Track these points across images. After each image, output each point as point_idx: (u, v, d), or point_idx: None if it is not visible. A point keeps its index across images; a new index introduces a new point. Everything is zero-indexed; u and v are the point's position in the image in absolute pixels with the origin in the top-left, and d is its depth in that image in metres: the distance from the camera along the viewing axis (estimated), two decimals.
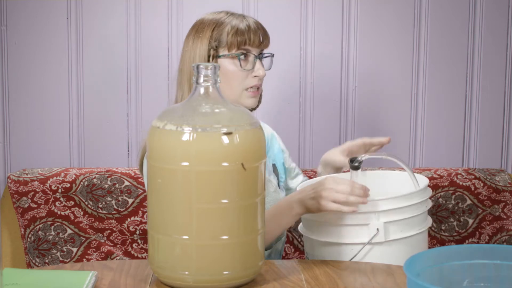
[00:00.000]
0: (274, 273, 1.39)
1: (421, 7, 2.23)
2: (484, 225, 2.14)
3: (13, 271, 1.38)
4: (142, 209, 2.07)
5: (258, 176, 1.31)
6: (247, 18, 1.70)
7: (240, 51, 1.66)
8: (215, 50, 1.66)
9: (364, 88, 2.24)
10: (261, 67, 1.68)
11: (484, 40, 2.25)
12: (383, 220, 1.49)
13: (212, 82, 1.31)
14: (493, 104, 2.28)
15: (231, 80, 1.66)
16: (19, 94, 2.18)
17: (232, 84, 1.67)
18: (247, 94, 1.68)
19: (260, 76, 1.68)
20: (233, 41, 1.65)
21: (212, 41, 1.66)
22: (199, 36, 1.68)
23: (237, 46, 1.66)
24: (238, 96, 1.67)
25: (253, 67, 1.67)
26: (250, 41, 1.66)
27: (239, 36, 1.65)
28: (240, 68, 1.66)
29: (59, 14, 2.17)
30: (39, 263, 2.05)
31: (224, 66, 1.66)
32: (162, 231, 1.29)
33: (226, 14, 1.70)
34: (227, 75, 1.66)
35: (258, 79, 1.68)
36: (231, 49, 1.66)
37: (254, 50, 1.68)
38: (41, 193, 2.04)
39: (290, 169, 1.87)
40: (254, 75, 1.68)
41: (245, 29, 1.66)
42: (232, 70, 1.66)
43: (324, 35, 2.22)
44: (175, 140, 1.26)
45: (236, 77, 1.66)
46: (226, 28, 1.66)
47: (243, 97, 1.68)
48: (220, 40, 1.66)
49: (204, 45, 1.67)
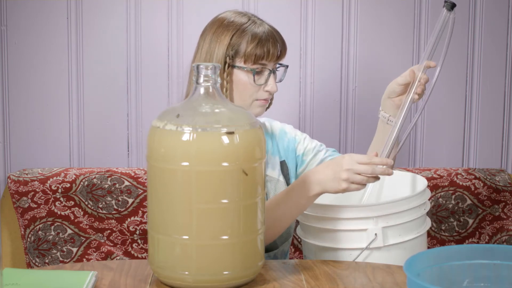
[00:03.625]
0: (274, 273, 1.39)
1: (421, 7, 2.23)
2: (484, 225, 2.14)
3: (13, 271, 1.38)
4: (142, 209, 2.07)
5: (258, 176, 1.31)
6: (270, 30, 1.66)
7: (255, 65, 1.64)
8: (232, 59, 1.64)
9: (364, 88, 2.24)
10: (273, 83, 1.66)
11: (484, 40, 2.25)
12: (381, 225, 1.49)
13: (213, 82, 1.31)
14: (493, 104, 2.28)
15: (243, 91, 1.65)
16: (19, 94, 2.18)
17: (243, 95, 1.65)
18: (257, 103, 1.67)
19: (272, 92, 1.66)
20: (251, 54, 1.63)
21: (230, 49, 1.63)
22: (218, 39, 1.65)
23: (253, 61, 1.63)
24: (248, 105, 1.66)
25: (266, 81, 1.65)
26: (268, 56, 1.64)
27: (258, 50, 1.63)
28: (253, 83, 1.64)
29: (59, 14, 2.17)
30: (39, 263, 2.05)
31: (237, 75, 1.64)
32: (162, 231, 1.29)
33: (248, 20, 1.67)
34: (239, 85, 1.64)
35: (269, 93, 1.67)
36: (247, 62, 1.63)
37: (270, 64, 1.65)
38: (41, 193, 2.04)
39: (307, 151, 1.82)
40: (266, 90, 1.66)
41: (265, 42, 1.63)
42: (245, 82, 1.64)
43: (324, 35, 2.22)
44: (175, 140, 1.26)
45: (248, 89, 1.65)
46: (246, 38, 1.63)
47: (253, 106, 1.67)
48: (238, 50, 1.64)
49: (221, 50, 1.64)
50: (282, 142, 1.81)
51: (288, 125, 1.86)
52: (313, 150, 1.81)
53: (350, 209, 1.51)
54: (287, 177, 1.78)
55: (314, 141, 1.84)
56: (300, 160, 1.81)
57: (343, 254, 1.51)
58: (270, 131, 1.82)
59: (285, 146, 1.81)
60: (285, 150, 1.81)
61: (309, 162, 1.80)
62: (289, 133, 1.83)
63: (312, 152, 1.81)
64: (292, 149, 1.81)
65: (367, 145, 1.90)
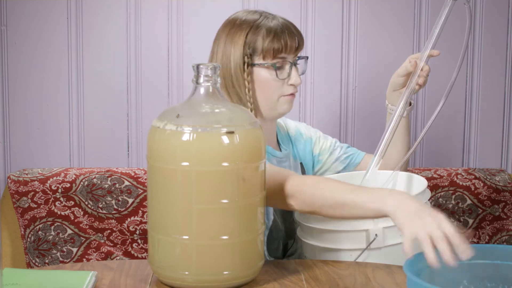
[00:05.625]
0: (274, 273, 1.39)
1: (421, 7, 2.23)
2: (484, 225, 2.14)
3: (13, 271, 1.38)
4: (142, 209, 2.07)
5: (259, 176, 1.31)
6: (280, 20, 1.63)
7: (275, 60, 1.60)
8: (250, 58, 1.60)
9: (364, 88, 2.24)
10: (296, 75, 1.62)
11: (484, 40, 2.25)
12: (381, 226, 1.49)
13: (213, 82, 1.31)
14: (493, 104, 2.28)
15: (266, 89, 1.61)
16: (19, 94, 2.18)
17: (267, 93, 1.62)
18: (284, 100, 1.63)
19: (296, 84, 1.63)
20: (269, 49, 1.59)
21: (246, 48, 1.60)
22: (233, 41, 1.61)
23: (272, 55, 1.60)
24: (274, 103, 1.63)
25: (289, 75, 1.62)
26: (286, 49, 1.60)
27: (275, 44, 1.59)
28: (276, 78, 1.61)
29: (59, 14, 2.17)
30: (39, 263, 2.05)
31: (258, 74, 1.61)
32: (162, 231, 1.29)
33: (260, 16, 1.63)
34: (262, 83, 1.61)
35: (294, 87, 1.63)
36: (267, 58, 1.60)
37: (289, 57, 1.62)
38: (41, 193, 2.04)
39: (323, 151, 1.81)
40: (290, 84, 1.63)
41: (281, 35, 1.60)
42: (267, 79, 1.61)
43: (324, 35, 2.22)
44: (175, 140, 1.26)
45: (272, 86, 1.61)
46: (261, 33, 1.60)
47: (279, 103, 1.63)
48: (255, 48, 1.60)
49: (238, 51, 1.60)
50: (299, 145, 1.80)
51: (301, 124, 1.85)
52: (329, 149, 1.81)
53: None
54: None
55: (328, 139, 1.84)
56: (317, 160, 1.82)
57: (344, 254, 1.51)
58: (286, 132, 1.81)
59: (302, 148, 1.80)
60: (303, 151, 1.80)
61: (325, 161, 1.81)
62: (305, 134, 1.82)
63: (328, 151, 1.81)
64: (309, 151, 1.81)
65: (367, 145, 1.90)
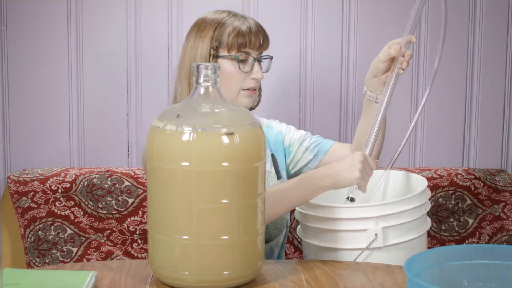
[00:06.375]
0: (274, 273, 1.39)
1: None
2: (484, 225, 2.14)
3: (13, 271, 1.38)
4: (142, 209, 2.07)
5: (259, 176, 1.31)
6: (249, 19, 1.72)
7: (239, 53, 1.69)
8: (215, 50, 1.69)
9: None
10: (259, 70, 1.71)
11: (484, 40, 2.25)
12: (381, 225, 1.49)
13: (212, 82, 1.31)
14: (493, 104, 2.28)
15: (229, 81, 1.69)
16: (19, 94, 2.18)
17: (230, 84, 1.70)
18: (244, 94, 1.71)
19: (258, 79, 1.71)
20: (234, 43, 1.68)
21: (213, 41, 1.69)
22: (201, 35, 1.70)
23: (237, 48, 1.69)
24: (235, 95, 1.71)
25: (252, 69, 1.71)
26: (250, 44, 1.69)
27: (240, 38, 1.68)
28: (239, 70, 1.69)
29: (59, 14, 2.17)
30: (39, 263, 2.05)
31: (223, 66, 1.69)
32: (162, 231, 1.29)
33: (228, 15, 1.72)
34: (225, 75, 1.68)
35: (256, 81, 1.72)
36: (231, 51, 1.69)
37: (253, 52, 1.71)
38: (41, 193, 2.04)
39: (293, 142, 1.86)
40: (252, 78, 1.71)
41: (246, 32, 1.69)
42: (231, 71, 1.69)
43: (324, 35, 2.22)
44: (175, 140, 1.26)
45: (234, 78, 1.70)
46: (228, 29, 1.69)
47: (240, 96, 1.71)
48: (221, 41, 1.69)
49: (205, 44, 1.69)
50: (270, 136, 1.86)
51: (274, 121, 1.91)
52: (298, 140, 1.86)
53: (350, 210, 1.51)
54: (277, 170, 1.82)
55: (299, 131, 1.89)
56: (288, 151, 1.86)
57: (343, 254, 1.51)
58: None
59: (273, 140, 1.85)
60: (274, 143, 1.85)
61: (295, 152, 1.85)
62: (275, 127, 1.88)
63: (298, 141, 1.86)
64: (280, 142, 1.86)
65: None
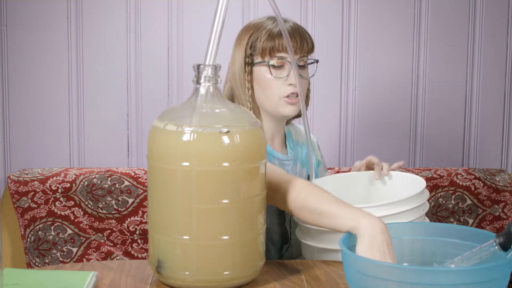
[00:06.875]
0: (274, 273, 1.39)
1: (421, 7, 2.23)
2: (484, 225, 2.14)
3: (13, 271, 1.38)
4: (142, 209, 2.07)
5: (259, 176, 1.31)
6: (288, 22, 1.63)
7: (272, 58, 1.61)
8: (250, 57, 1.62)
9: (364, 88, 2.24)
10: (294, 75, 1.58)
11: (484, 40, 2.25)
12: None
13: (213, 82, 1.31)
14: (493, 104, 2.28)
15: (266, 88, 1.62)
16: (19, 94, 2.18)
17: (267, 92, 1.62)
18: (284, 102, 1.62)
19: (293, 84, 1.60)
20: (265, 47, 1.60)
21: (248, 48, 1.62)
22: (239, 43, 1.64)
23: (269, 53, 1.60)
24: (275, 104, 1.62)
25: (288, 74, 1.60)
26: (282, 47, 1.60)
27: (270, 42, 1.60)
28: (272, 77, 1.61)
29: (59, 14, 2.17)
30: (39, 263, 2.04)
31: (257, 72, 1.62)
32: (162, 231, 1.29)
33: (266, 19, 1.65)
34: (261, 83, 1.62)
35: (294, 86, 1.61)
36: (264, 56, 1.61)
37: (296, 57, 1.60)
38: (41, 193, 2.04)
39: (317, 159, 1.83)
40: (289, 83, 1.61)
41: (277, 35, 1.60)
42: (266, 78, 1.61)
43: (324, 35, 2.22)
44: (175, 140, 1.26)
45: (270, 85, 1.61)
46: (262, 34, 1.61)
47: (280, 105, 1.62)
48: (255, 48, 1.62)
49: (241, 52, 1.63)
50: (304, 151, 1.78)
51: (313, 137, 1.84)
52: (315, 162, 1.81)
53: None
54: None
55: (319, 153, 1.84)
56: None
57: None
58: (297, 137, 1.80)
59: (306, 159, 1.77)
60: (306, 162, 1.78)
61: None
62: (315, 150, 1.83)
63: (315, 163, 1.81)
64: None
65: (367, 145, 1.90)
